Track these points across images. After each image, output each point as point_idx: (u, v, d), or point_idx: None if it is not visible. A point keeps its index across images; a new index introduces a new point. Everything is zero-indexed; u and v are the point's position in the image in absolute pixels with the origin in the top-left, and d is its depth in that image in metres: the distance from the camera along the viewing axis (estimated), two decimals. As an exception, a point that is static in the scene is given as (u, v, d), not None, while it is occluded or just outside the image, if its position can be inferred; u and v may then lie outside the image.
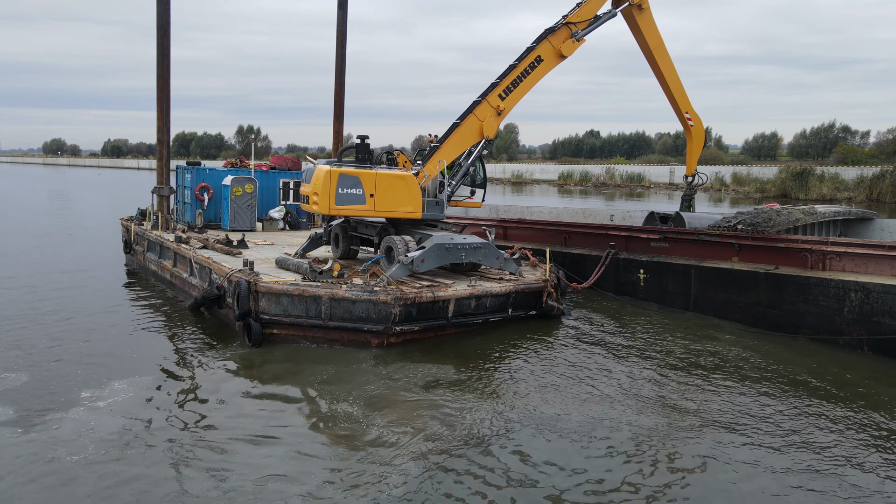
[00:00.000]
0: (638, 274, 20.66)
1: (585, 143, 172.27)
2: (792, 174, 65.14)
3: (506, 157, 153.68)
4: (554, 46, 19.71)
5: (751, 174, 75.57)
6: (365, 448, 10.43)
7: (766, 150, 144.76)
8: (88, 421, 11.20)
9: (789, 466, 10.07)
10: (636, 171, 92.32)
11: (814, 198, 61.11)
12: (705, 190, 79.56)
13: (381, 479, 9.45)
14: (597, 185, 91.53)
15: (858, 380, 14.04)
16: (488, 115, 19.22)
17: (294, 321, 16.02)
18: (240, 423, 11.35)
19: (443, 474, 9.67)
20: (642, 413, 11.97)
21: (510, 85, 19.37)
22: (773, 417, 11.88)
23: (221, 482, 9.35)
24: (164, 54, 23.94)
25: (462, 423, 11.32)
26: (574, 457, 10.30)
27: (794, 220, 19.42)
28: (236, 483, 9.31)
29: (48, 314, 18.37)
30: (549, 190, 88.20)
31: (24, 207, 55.50)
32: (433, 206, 18.68)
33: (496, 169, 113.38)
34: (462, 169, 19.61)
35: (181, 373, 14.11)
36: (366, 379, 13.49)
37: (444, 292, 16.45)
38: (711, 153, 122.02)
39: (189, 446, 10.42)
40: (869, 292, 15.94)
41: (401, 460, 10.04)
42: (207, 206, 26.53)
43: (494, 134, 19.61)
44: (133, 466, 9.73)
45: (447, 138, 19.05)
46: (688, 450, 10.60)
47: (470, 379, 13.61)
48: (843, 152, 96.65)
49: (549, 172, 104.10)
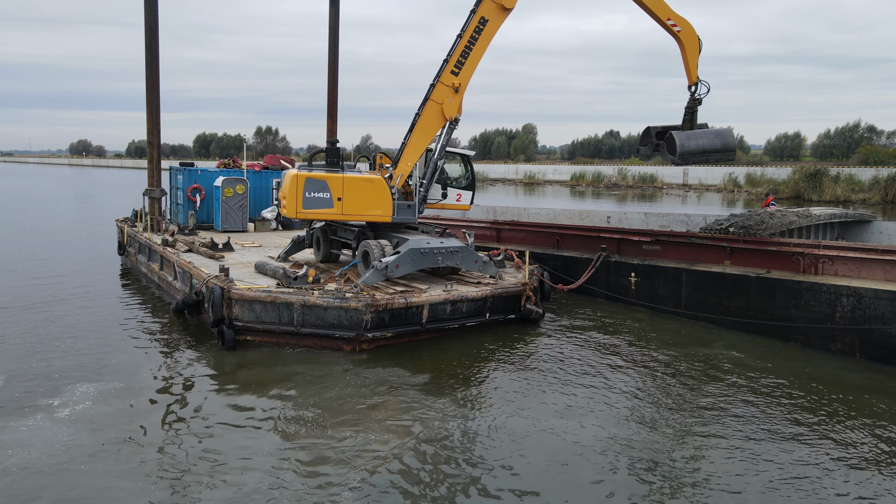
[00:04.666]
0: (629, 277, 20.10)
1: (605, 143, 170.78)
2: (805, 175, 63.58)
3: (523, 158, 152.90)
4: (495, 1, 18.28)
5: (765, 175, 74.15)
6: (322, 452, 10.20)
7: (789, 151, 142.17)
8: (44, 428, 10.98)
9: (772, 480, 9.55)
10: (649, 171, 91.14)
11: (827, 199, 59.76)
12: (718, 191, 78.44)
13: (333, 483, 9.10)
14: (608, 185, 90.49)
15: (849, 388, 13.42)
16: (446, 95, 18.33)
17: (267, 328, 15.78)
18: (199, 426, 11.19)
19: (398, 476, 9.46)
20: (615, 420, 11.48)
21: (460, 57, 18.33)
22: (755, 435, 11.33)
23: (177, 480, 9.28)
24: (153, 55, 23.82)
25: (424, 429, 11.01)
26: (539, 463, 9.94)
27: (788, 222, 18.77)
28: (192, 479, 9.20)
29: (30, 310, 18.38)
30: (560, 191, 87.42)
31: (45, 207, 56.02)
32: (404, 209, 18.23)
33: (509, 170, 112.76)
34: (431, 166, 18.94)
35: (148, 375, 13.86)
36: (332, 384, 13.22)
37: (418, 298, 16.07)
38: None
39: (144, 448, 10.22)
40: (861, 297, 15.29)
41: (358, 463, 9.79)
42: (200, 207, 26.40)
43: (455, 114, 18.64)
44: (92, 469, 9.52)
45: (411, 131, 18.46)
46: (662, 457, 10.12)
47: (436, 384, 13.24)
48: (865, 153, 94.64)
49: (561, 173, 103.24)
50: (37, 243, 32.94)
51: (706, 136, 19.82)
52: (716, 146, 19.83)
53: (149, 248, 23.16)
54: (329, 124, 29.58)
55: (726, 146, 20.04)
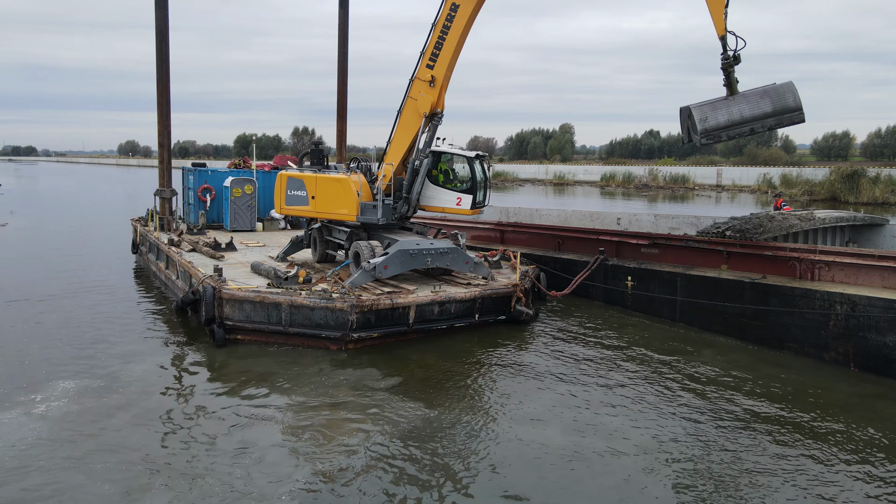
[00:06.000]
0: (626, 281, 19.83)
1: (644, 143, 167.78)
2: (842, 176, 61.56)
3: (559, 158, 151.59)
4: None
5: (801, 176, 72.12)
6: (278, 451, 10.31)
7: (837, 151, 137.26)
8: (22, 423, 11.33)
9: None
10: (680, 172, 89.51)
11: (864, 201, 57.85)
12: (752, 192, 76.68)
13: (281, 481, 9.22)
14: (638, 186, 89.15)
15: (841, 398, 13.03)
16: (421, 89, 17.91)
17: (256, 327, 16.05)
18: (180, 418, 11.51)
19: (370, 475, 9.56)
20: (577, 428, 11.36)
21: (434, 49, 17.64)
22: (731, 449, 11.10)
23: (154, 473, 9.52)
24: (163, 59, 24.34)
25: (396, 427, 11.10)
26: (513, 466, 9.93)
27: (788, 226, 18.28)
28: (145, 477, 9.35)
29: (36, 303, 19.02)
30: (590, 191, 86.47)
31: (80, 205, 57.80)
32: (369, 209, 18.21)
33: (539, 170, 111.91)
34: (410, 167, 18.54)
35: (134, 370, 14.16)
36: (306, 383, 13.39)
37: (404, 299, 16.13)
38: (772, 153, 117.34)
39: (118, 437, 10.50)
40: (855, 305, 14.81)
41: (329, 457, 9.92)
42: (210, 206, 26.93)
43: (431, 108, 17.88)
44: (49, 465, 9.80)
45: (393, 130, 18.32)
46: (636, 465, 9.99)
47: (407, 386, 13.27)
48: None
49: (592, 174, 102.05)
50: (60, 240, 33.99)
51: (746, 102, 15.93)
52: (760, 112, 15.91)
53: (157, 248, 23.72)
54: (339, 125, 29.85)
55: (780, 108, 15.85)
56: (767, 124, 16.05)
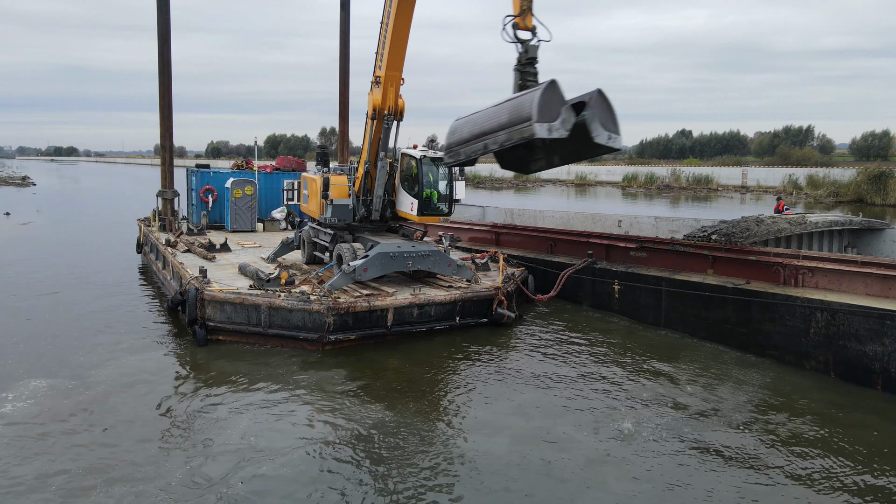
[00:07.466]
0: (613, 285, 19.65)
1: (675, 143, 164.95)
2: (869, 176, 59.97)
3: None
4: None
5: (828, 176, 70.48)
6: (226, 452, 10.45)
7: (876, 150, 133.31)
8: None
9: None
10: (704, 172, 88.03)
11: (892, 202, 56.38)
12: (776, 193, 75.10)
13: (216, 482, 9.37)
14: (660, 187, 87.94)
15: (819, 406, 12.76)
16: (372, 91, 17.60)
17: (237, 328, 16.31)
18: (137, 416, 11.65)
19: (329, 475, 9.67)
20: (529, 435, 11.32)
21: (380, 48, 17.05)
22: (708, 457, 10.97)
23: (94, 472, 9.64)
24: (165, 62, 24.80)
25: (346, 431, 11.18)
26: (484, 469, 9.97)
27: (777, 230, 17.91)
28: (84, 477, 9.55)
29: (32, 300, 19.45)
30: (612, 192, 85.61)
31: (103, 204, 59.14)
32: (329, 208, 18.86)
33: (560, 171, 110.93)
34: (362, 169, 18.28)
35: (111, 367, 14.43)
36: (274, 383, 13.53)
37: (381, 301, 16.21)
38: (804, 153, 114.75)
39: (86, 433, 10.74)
40: (835, 313, 14.47)
41: (291, 456, 10.13)
42: (212, 207, 27.37)
43: (374, 108, 17.43)
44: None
45: (364, 133, 18.32)
46: (626, 471, 9.94)
47: (372, 388, 13.32)
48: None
49: (614, 174, 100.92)
50: (74, 238, 34.80)
51: (494, 112, 12.96)
52: (495, 124, 12.74)
53: (157, 248, 24.18)
54: (341, 125, 30.07)
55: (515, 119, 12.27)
56: (499, 139, 12.73)
